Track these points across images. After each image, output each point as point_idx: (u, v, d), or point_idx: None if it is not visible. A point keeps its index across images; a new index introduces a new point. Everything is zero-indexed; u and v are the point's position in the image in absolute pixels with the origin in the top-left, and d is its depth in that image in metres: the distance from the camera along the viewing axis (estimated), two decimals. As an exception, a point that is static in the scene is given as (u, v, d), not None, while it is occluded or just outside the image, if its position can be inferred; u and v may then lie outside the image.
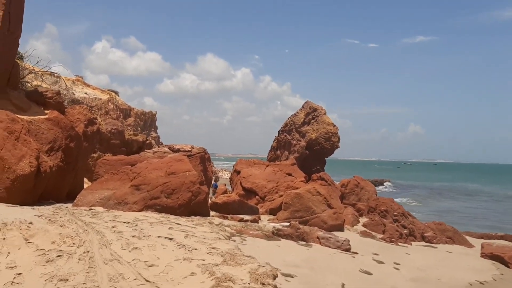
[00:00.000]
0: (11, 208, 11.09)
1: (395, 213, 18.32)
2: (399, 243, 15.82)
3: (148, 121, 58.07)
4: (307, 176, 23.85)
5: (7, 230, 7.99)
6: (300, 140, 34.05)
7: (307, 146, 33.61)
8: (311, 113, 34.88)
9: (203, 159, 19.34)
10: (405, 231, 17.17)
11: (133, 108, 53.38)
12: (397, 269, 11.31)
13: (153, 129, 59.71)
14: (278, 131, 36.72)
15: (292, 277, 7.65)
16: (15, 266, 6.50)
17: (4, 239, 7.62)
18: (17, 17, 15.14)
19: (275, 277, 6.78)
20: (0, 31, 13.92)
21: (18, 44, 15.92)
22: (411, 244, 16.14)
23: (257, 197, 20.94)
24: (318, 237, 12.61)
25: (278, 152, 35.62)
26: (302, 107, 36.07)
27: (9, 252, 7.14)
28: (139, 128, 50.25)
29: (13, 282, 5.88)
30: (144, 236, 8.93)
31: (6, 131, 12.84)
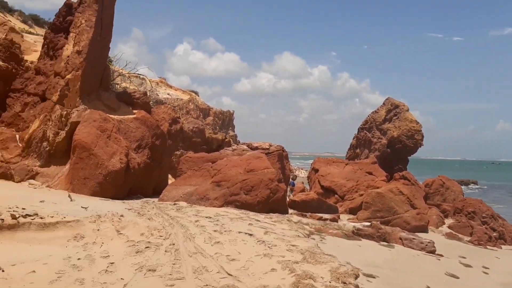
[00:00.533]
0: (103, 201, 11.90)
1: (484, 215, 17.18)
2: (488, 247, 14.81)
3: (226, 120, 59.42)
4: (388, 175, 23.08)
5: (101, 221, 8.57)
6: (381, 138, 32.99)
7: (388, 144, 32.49)
8: (393, 110, 33.65)
9: (281, 157, 19.39)
10: (495, 233, 16.04)
11: (212, 108, 54.92)
12: (486, 273, 10.58)
13: (230, 127, 60.98)
14: (358, 129, 35.87)
15: (374, 277, 7.42)
16: (108, 256, 6.93)
17: (98, 230, 8.18)
18: (108, 22, 16.18)
19: (356, 277, 6.62)
20: (93, 37, 14.96)
21: (109, 48, 17.01)
22: (501, 248, 15.05)
23: (336, 196, 20.61)
24: (400, 238, 12.14)
25: (358, 150, 34.79)
26: (383, 103, 34.91)
27: (103, 243, 7.65)
28: (217, 127, 51.58)
29: (106, 271, 6.26)
30: (225, 231, 9.14)
31: (99, 130, 13.79)
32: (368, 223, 13.68)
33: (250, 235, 8.96)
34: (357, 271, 6.88)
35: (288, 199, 16.14)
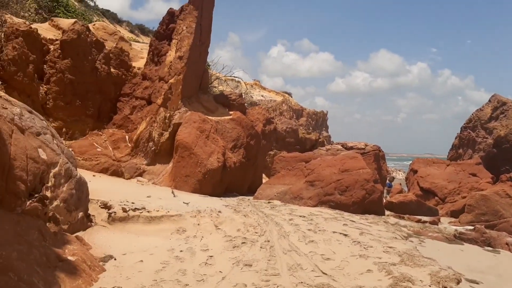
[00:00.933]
0: (202, 198, 12.53)
1: None
2: None
3: (319, 120, 59.01)
4: (494, 177, 21.47)
5: (201, 217, 9.05)
6: (486, 138, 30.77)
7: (494, 144, 30.19)
8: (500, 108, 31.24)
9: (377, 157, 18.90)
10: None
11: (305, 109, 54.88)
12: None
13: (324, 128, 60.45)
14: (461, 128, 33.85)
15: (478, 283, 6.99)
16: (208, 249, 7.31)
17: (198, 224, 8.65)
18: (207, 28, 16.96)
19: (458, 282, 6.30)
20: (193, 42, 15.79)
21: (208, 53, 17.81)
22: None
23: (436, 198, 19.63)
24: (507, 243, 11.26)
25: (460, 150, 32.79)
26: (489, 101, 32.57)
27: (202, 236, 8.08)
28: (310, 128, 51.45)
29: (206, 263, 6.61)
30: (319, 230, 9.17)
31: (198, 130, 14.54)
32: (471, 227, 12.86)
33: (345, 235, 8.90)
34: (459, 276, 6.54)
35: (384, 201, 15.71)
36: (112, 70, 16.21)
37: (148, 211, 8.72)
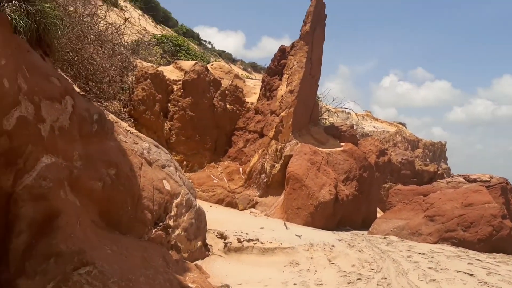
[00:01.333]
0: (315, 231, 12.41)
1: None
2: None
3: (437, 152, 55.53)
4: None
5: (314, 250, 8.96)
6: None
7: None
8: None
9: (504, 190, 17.18)
10: None
11: (421, 139, 52.15)
12: None
13: (442, 160, 56.72)
14: None
15: None
16: (322, 284, 7.20)
17: (311, 258, 8.58)
18: (317, 62, 17.22)
19: None
20: (303, 76, 16.10)
21: (318, 85, 17.99)
22: None
23: None
24: None
25: None
26: None
27: (316, 271, 7.98)
28: (427, 160, 48.62)
29: (320, 297, 6.51)
30: (441, 269, 8.56)
31: (309, 162, 14.58)
32: None
33: (470, 275, 8.18)
34: None
35: (516, 239, 14.17)
36: (227, 106, 17.09)
37: (262, 243, 8.87)
